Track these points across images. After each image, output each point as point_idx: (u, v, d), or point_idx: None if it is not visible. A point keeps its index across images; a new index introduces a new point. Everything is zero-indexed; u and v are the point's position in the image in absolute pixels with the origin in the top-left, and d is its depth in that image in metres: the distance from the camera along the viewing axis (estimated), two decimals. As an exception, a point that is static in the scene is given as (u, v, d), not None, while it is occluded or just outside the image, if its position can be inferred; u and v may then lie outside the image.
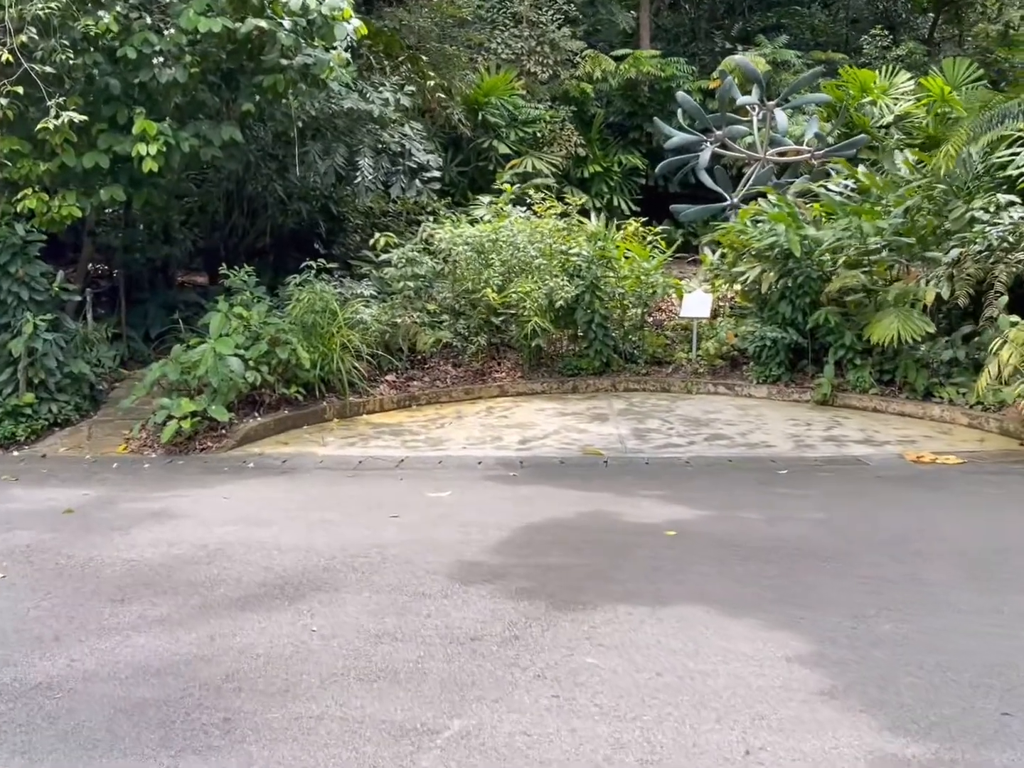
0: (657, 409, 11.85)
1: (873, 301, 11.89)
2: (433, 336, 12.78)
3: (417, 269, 12.80)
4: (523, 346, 13.04)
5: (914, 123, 21.80)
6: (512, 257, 13.15)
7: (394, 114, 14.33)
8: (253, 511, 7.62)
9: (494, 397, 12.79)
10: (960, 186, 12.62)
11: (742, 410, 11.68)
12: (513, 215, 13.92)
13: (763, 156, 19.71)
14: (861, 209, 11.66)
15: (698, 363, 13.08)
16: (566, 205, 13.64)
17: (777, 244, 12.21)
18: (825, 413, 11.42)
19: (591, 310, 12.84)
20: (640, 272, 13.35)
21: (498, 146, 20.85)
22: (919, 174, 12.69)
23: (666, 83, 23.85)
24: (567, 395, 12.88)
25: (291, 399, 11.45)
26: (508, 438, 10.55)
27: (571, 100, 23.15)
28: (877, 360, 11.88)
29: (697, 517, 7.06)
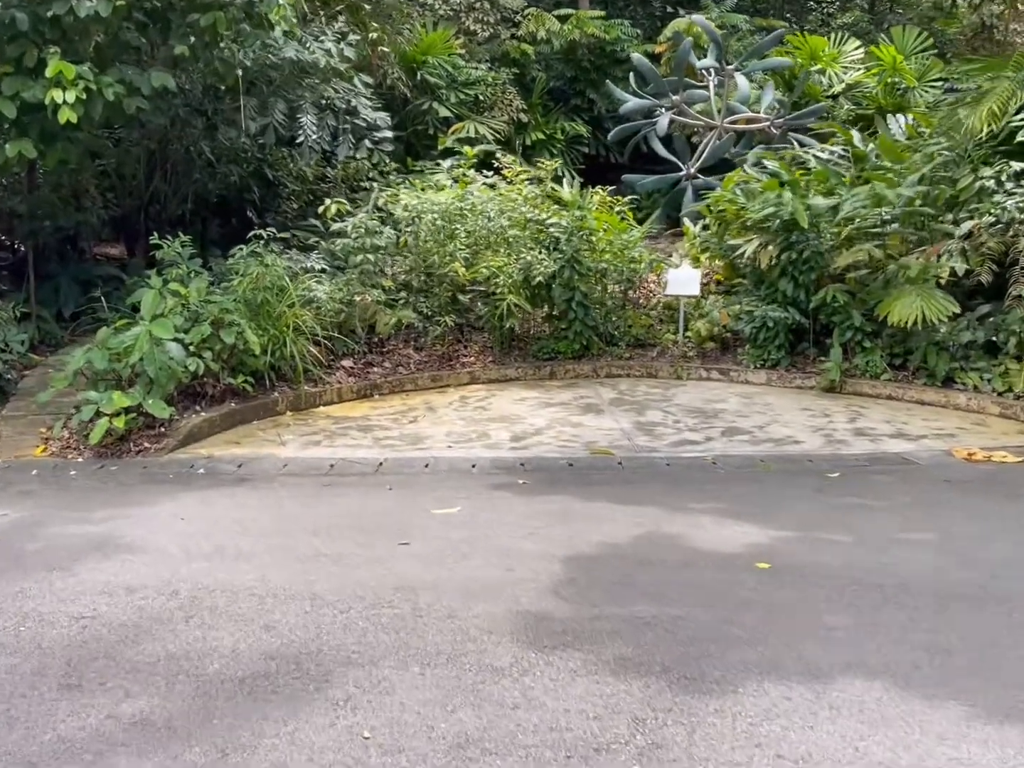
0: (652, 398, 10.63)
1: (883, 277, 10.85)
2: (394, 316, 11.31)
3: (377, 240, 11.29)
4: (493, 327, 11.66)
5: (864, 92, 21.03)
6: (481, 228, 11.75)
7: (341, 65, 12.72)
8: (222, 538, 6.12)
9: (464, 385, 11.40)
10: (961, 153, 11.65)
11: (746, 399, 10.54)
12: (479, 181, 12.50)
13: (720, 124, 18.66)
14: (878, 175, 10.58)
15: (686, 346, 11.90)
16: (538, 169, 12.27)
17: (778, 215, 11.07)
18: (837, 401, 10.36)
19: (571, 287, 11.53)
20: (621, 245, 12.09)
21: (438, 109, 19.31)
22: (922, 139, 11.67)
23: (610, 46, 22.62)
24: (545, 382, 11.57)
25: (238, 390, 9.87)
26: (496, 434, 9.20)
27: (511, 62, 21.72)
28: (887, 342, 10.87)
29: (777, 541, 5.84)
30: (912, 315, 9.91)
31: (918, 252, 10.91)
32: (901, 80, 21.20)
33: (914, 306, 9.95)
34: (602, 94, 22.87)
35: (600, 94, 22.82)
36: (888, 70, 21.05)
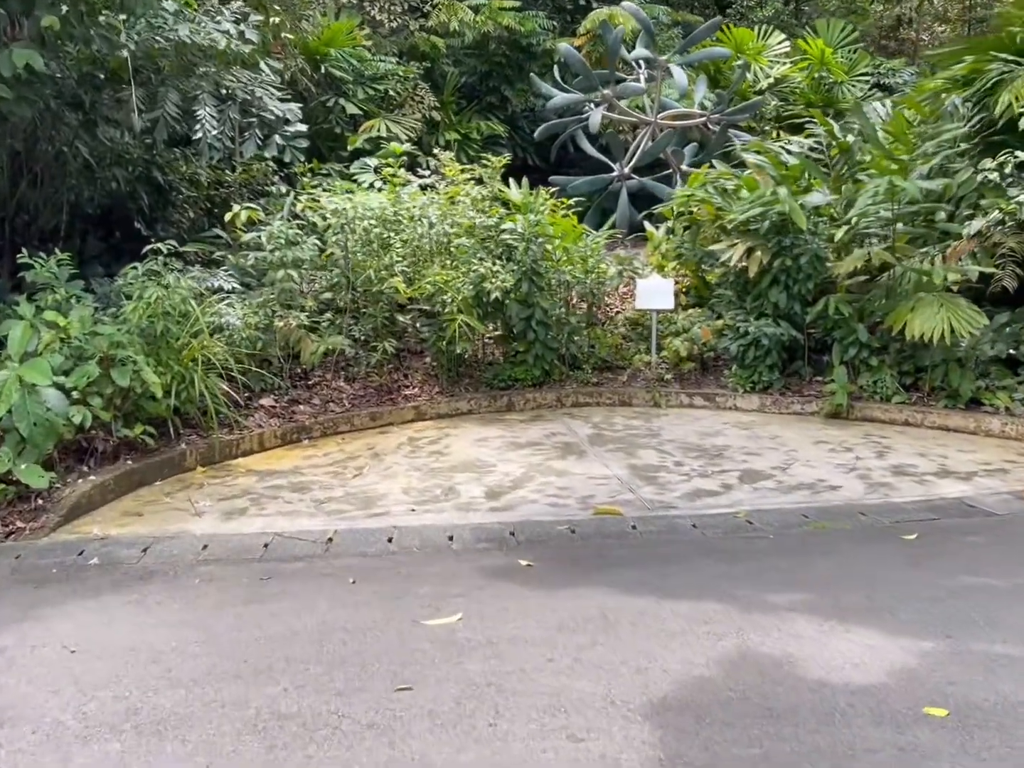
0: (636, 433, 9.02)
1: (888, 285, 9.50)
2: (323, 343, 9.44)
3: (299, 253, 9.39)
4: (440, 352, 9.90)
5: (792, 87, 19.98)
6: (421, 236, 9.97)
7: (245, 47, 10.75)
8: (134, 692, 4.22)
9: (409, 422, 9.60)
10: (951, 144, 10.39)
11: (745, 430, 9.04)
12: (414, 182, 10.71)
13: (654, 120, 17.26)
14: (885, 166, 9.18)
15: (660, 368, 10.35)
16: (484, 168, 10.54)
17: (767, 215, 9.61)
18: (849, 430, 8.95)
19: (530, 304, 9.86)
20: (581, 254, 10.47)
21: (345, 105, 17.42)
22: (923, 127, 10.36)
23: (525, 39, 21.04)
24: (504, 415, 9.86)
25: (136, 443, 7.89)
26: (466, 490, 7.45)
27: (420, 56, 19.97)
28: (895, 359, 9.51)
29: (923, 660, 4.24)
30: (937, 329, 8.53)
31: (919, 255, 9.58)
32: (829, 74, 20.25)
33: (938, 318, 8.59)
34: (518, 91, 21.37)
35: (516, 91, 21.31)
36: (816, 64, 20.07)
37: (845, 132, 10.97)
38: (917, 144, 9.35)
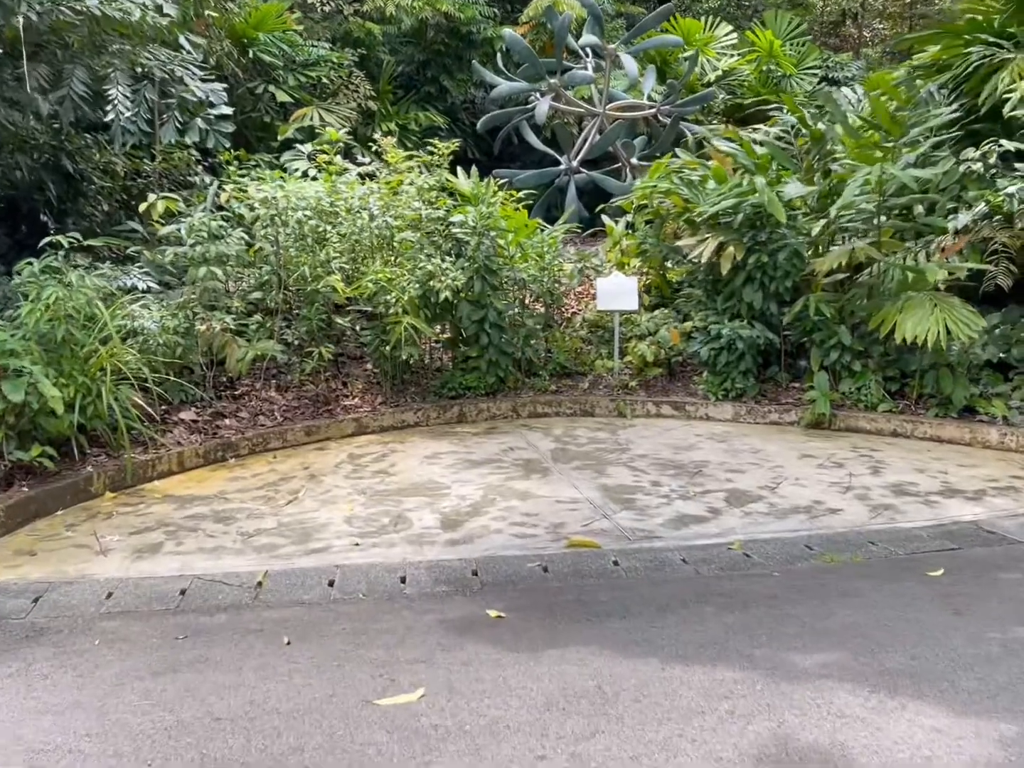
0: (603, 448, 8.15)
1: (876, 282, 8.78)
2: (252, 349, 8.40)
3: (224, 248, 8.34)
4: (383, 358, 8.93)
5: (740, 80, 19.34)
6: (361, 230, 8.99)
7: (162, 20, 9.65)
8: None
9: (350, 436, 8.62)
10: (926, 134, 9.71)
11: (722, 442, 8.23)
12: (352, 170, 9.71)
13: (602, 111, 16.46)
14: (868, 156, 8.42)
15: (624, 374, 9.51)
16: (430, 154, 9.57)
17: (741, 207, 8.82)
18: (835, 442, 8.19)
19: (483, 305, 8.94)
20: (538, 250, 9.58)
21: (274, 92, 16.30)
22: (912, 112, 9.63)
23: (465, 27, 20.10)
24: (455, 427, 8.93)
25: (33, 467, 6.81)
26: (418, 517, 6.50)
27: (355, 42, 18.91)
28: (878, 363, 8.79)
29: (1016, 756, 3.41)
30: (932, 331, 7.80)
31: (905, 250, 8.87)
32: (778, 68, 19.68)
33: (931, 319, 7.86)
34: (458, 81, 20.46)
35: (456, 81, 20.39)
36: (764, 56, 19.47)
37: (815, 120, 10.23)
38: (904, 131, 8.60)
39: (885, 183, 8.06)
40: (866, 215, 8.67)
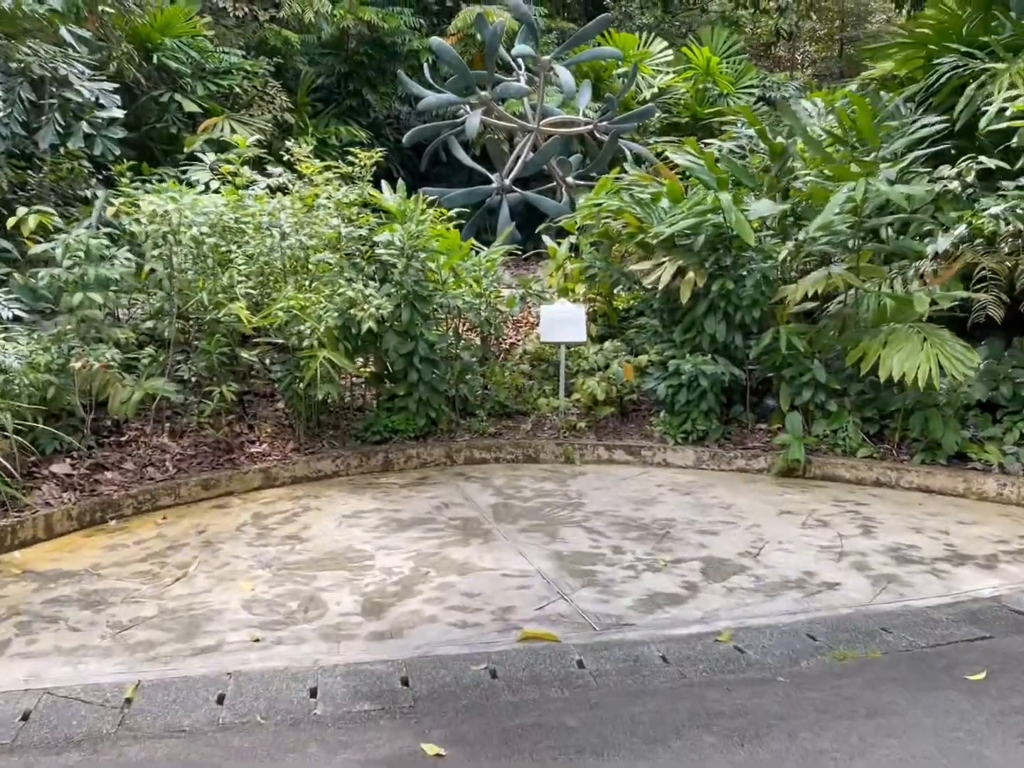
0: (552, 502, 7.06)
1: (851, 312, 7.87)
2: (139, 389, 7.13)
3: (106, 271, 7.07)
4: (296, 397, 7.73)
5: (676, 98, 18.61)
6: (271, 250, 7.80)
7: (39, 7, 8.37)
8: None
9: (256, 491, 7.39)
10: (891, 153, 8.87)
11: (687, 495, 7.20)
12: (261, 183, 8.51)
13: (536, 127, 15.49)
14: (847, 171, 7.49)
15: (571, 414, 8.45)
16: (350, 165, 8.41)
17: (702, 227, 7.85)
18: (813, 494, 7.23)
19: (412, 336, 7.81)
20: (474, 275, 8.48)
21: (181, 102, 14.98)
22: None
23: (389, 38, 19.04)
24: (380, 478, 7.76)
25: None
26: (333, 599, 5.32)
27: (271, 51, 17.68)
28: (855, 402, 7.87)
29: None
30: (923, 369, 6.88)
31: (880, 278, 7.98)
32: (714, 85, 18.99)
33: (922, 355, 6.94)
34: (381, 95, 19.36)
35: (379, 95, 19.29)
36: (701, 74, 18.77)
37: (775, 134, 9.35)
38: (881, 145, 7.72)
39: (869, 200, 7.13)
40: (842, 237, 7.76)
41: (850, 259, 7.75)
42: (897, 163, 7.66)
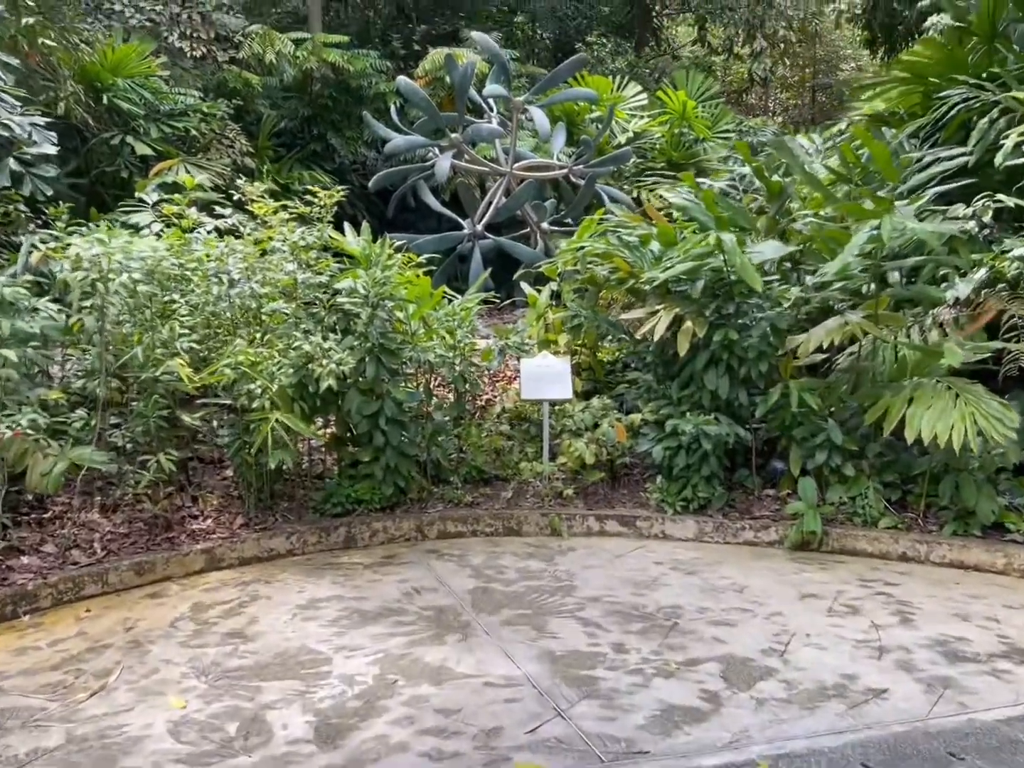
0: (540, 585, 6.14)
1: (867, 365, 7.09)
2: (62, 459, 6.17)
3: (26, 324, 6.15)
4: (246, 465, 6.80)
5: (651, 143, 18.01)
6: (218, 299, 6.92)
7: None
8: None
9: (198, 575, 6.42)
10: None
11: (692, 574, 6.32)
12: (208, 225, 7.64)
13: (509, 170, 14.78)
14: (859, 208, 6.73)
15: (556, 479, 7.57)
16: (308, 205, 7.55)
17: (701, 271, 7.06)
18: (835, 572, 6.37)
19: (377, 395, 6.93)
20: (447, 326, 7.63)
21: (135, 144, 14.14)
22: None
23: (355, 81, 18.38)
24: (341, 556, 6.81)
25: None
26: (280, 720, 4.37)
27: (231, 93, 16.94)
28: (874, 465, 7.05)
29: None
30: (958, 430, 6.08)
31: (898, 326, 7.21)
32: (690, 130, 18.42)
33: (956, 415, 6.14)
34: (347, 139, 18.65)
35: (344, 139, 18.58)
36: (676, 118, 18.20)
37: (771, 171, 8.63)
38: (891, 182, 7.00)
39: (892, 239, 6.36)
40: (857, 281, 6.99)
41: (866, 306, 6.97)
42: (916, 199, 6.92)
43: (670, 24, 29.15)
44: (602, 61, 22.39)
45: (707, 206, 7.24)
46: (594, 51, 22.15)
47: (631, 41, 25.24)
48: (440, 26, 23.50)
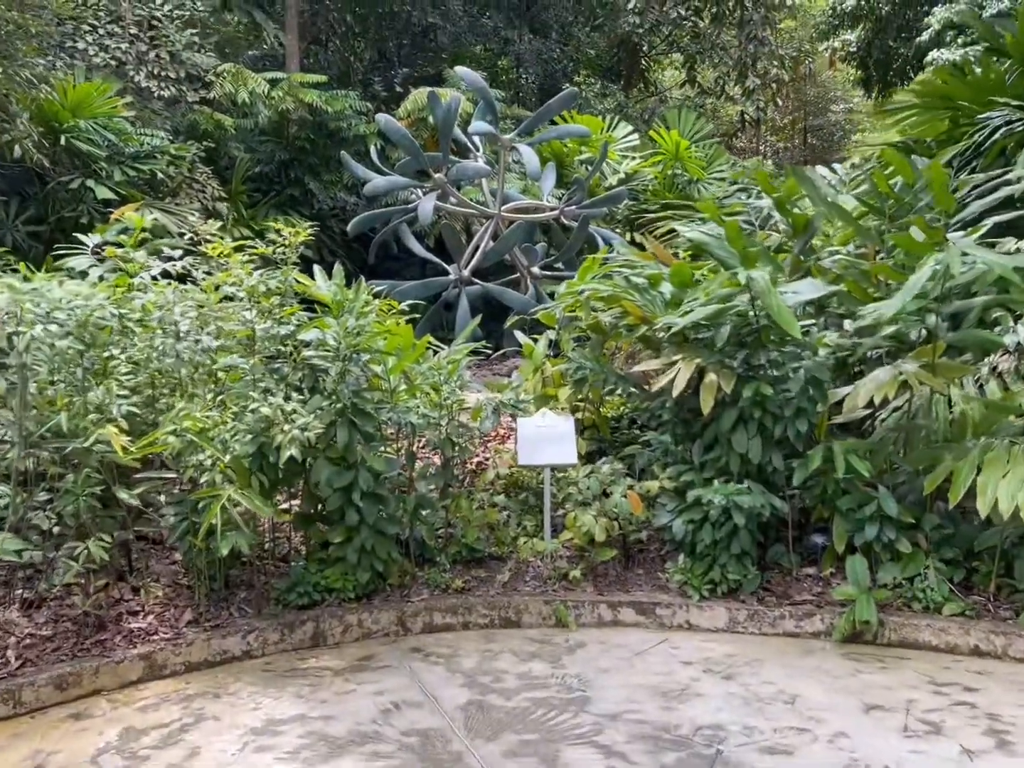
0: (546, 697, 5.06)
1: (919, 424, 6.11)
2: (-31, 548, 5.09)
3: (-79, 385, 5.10)
4: (195, 551, 5.72)
5: (644, 184, 17.19)
6: (164, 354, 5.89)
7: None
8: None
9: (135, 685, 5.32)
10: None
11: (729, 679, 5.26)
12: (155, 268, 6.63)
13: (497, 212, 13.89)
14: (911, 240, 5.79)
15: (560, 558, 6.52)
16: (270, 244, 6.55)
17: (726, 315, 6.09)
18: (899, 673, 5.32)
19: (350, 464, 5.89)
20: (432, 381, 6.61)
21: (96, 188, 13.18)
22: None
23: (334, 122, 17.52)
24: (308, 657, 5.71)
25: None
26: None
27: (203, 135, 16.04)
28: (933, 537, 6.04)
29: None
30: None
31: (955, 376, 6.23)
32: (684, 171, 17.62)
33: (1039, 483, 5.14)
34: (325, 184, 17.76)
35: (323, 184, 17.69)
36: (670, 159, 17.41)
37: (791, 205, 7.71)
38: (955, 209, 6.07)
39: (957, 277, 5.41)
40: (909, 325, 6.02)
41: (917, 353, 5.99)
42: (976, 230, 5.98)
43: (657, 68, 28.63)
44: (590, 102, 21.69)
45: (731, 240, 6.27)
46: (582, 92, 21.42)
47: (618, 84, 24.61)
48: (423, 68, 22.83)
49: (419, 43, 23.80)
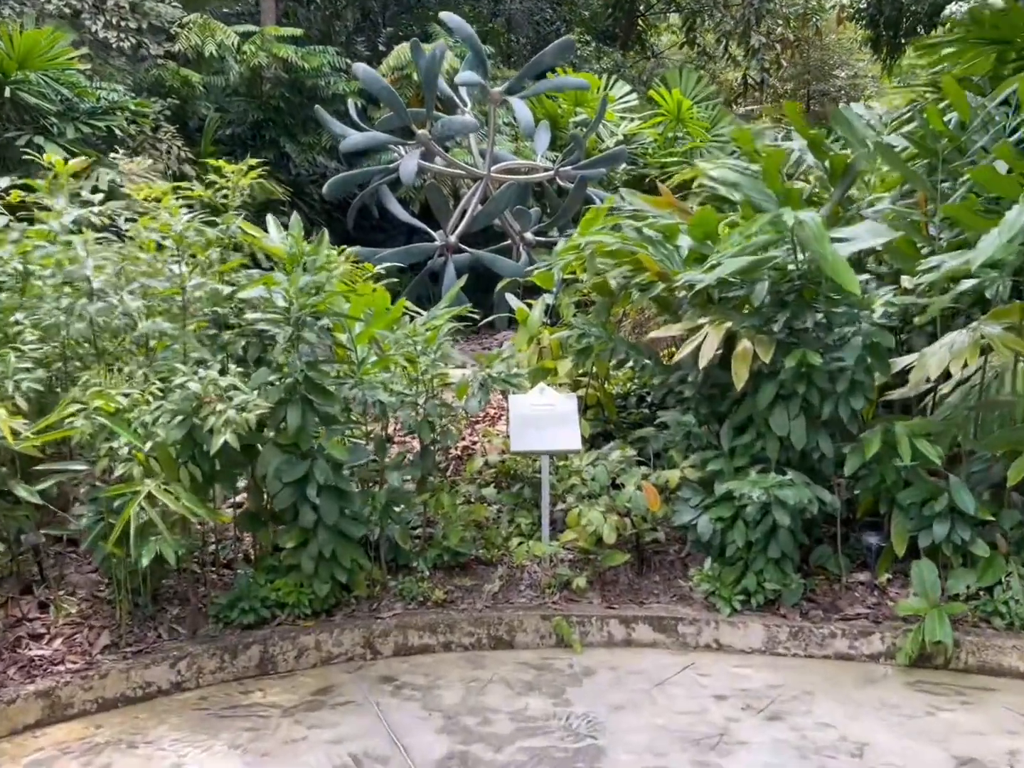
0: (546, 748, 3.99)
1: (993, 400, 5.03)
2: None
3: None
4: (114, 559, 4.62)
5: (643, 148, 16.04)
6: (76, 319, 4.78)
7: None
8: None
9: (32, 731, 4.23)
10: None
11: (775, 720, 4.19)
12: (70, 214, 5.48)
13: (487, 172, 12.72)
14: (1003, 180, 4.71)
15: (561, 562, 5.44)
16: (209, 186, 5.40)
17: (763, 269, 4.99)
18: (986, 710, 4.29)
19: (305, 452, 4.79)
20: (407, 351, 5.50)
21: (45, 145, 11.92)
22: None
23: (311, 79, 16.28)
24: (253, 689, 4.62)
25: None
26: None
27: (168, 92, 14.81)
28: (1013, 537, 4.98)
29: None
30: None
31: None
32: (686, 135, 16.48)
33: None
34: (302, 146, 16.51)
35: (299, 146, 16.45)
36: (671, 120, 16.28)
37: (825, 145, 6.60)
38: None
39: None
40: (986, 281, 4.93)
41: (995, 314, 4.91)
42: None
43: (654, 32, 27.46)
44: (586, 61, 20.50)
45: (768, 178, 5.16)
46: (577, 51, 20.20)
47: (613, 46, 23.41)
48: (408, 26, 21.57)
49: (405, 3, 22.56)
